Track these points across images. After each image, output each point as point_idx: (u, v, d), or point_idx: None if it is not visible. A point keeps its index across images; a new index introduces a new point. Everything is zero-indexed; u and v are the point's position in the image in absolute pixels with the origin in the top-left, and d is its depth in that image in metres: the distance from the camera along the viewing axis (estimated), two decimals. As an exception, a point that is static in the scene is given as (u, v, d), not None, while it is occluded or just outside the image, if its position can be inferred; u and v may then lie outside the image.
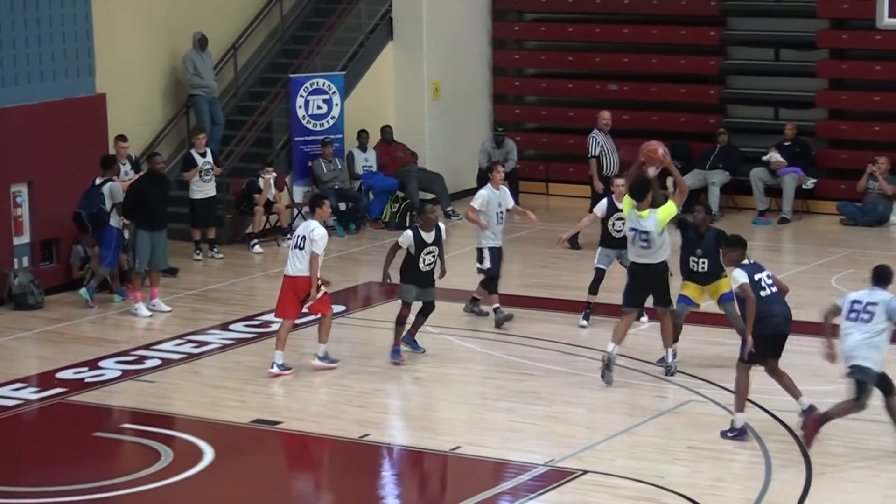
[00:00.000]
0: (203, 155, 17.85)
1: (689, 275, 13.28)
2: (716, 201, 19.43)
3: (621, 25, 21.12)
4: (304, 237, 13.34)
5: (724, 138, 19.91)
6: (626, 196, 12.95)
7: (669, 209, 12.69)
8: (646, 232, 12.66)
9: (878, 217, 18.65)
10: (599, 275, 14.74)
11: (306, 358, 13.77)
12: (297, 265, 13.33)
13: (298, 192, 19.49)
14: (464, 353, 14.21)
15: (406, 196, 19.68)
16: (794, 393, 11.60)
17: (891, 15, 15.63)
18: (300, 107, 19.55)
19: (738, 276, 11.32)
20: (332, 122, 19.79)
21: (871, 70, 19.47)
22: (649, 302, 13.21)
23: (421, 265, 13.58)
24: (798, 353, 13.03)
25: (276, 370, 13.35)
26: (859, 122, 19.47)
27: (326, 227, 12.99)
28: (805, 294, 15.05)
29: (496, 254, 14.82)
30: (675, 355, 13.12)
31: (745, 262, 11.52)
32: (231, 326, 15.05)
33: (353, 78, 20.37)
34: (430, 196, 20.23)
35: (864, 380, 10.98)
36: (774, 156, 19.36)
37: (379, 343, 14.19)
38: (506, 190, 15.06)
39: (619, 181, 14.39)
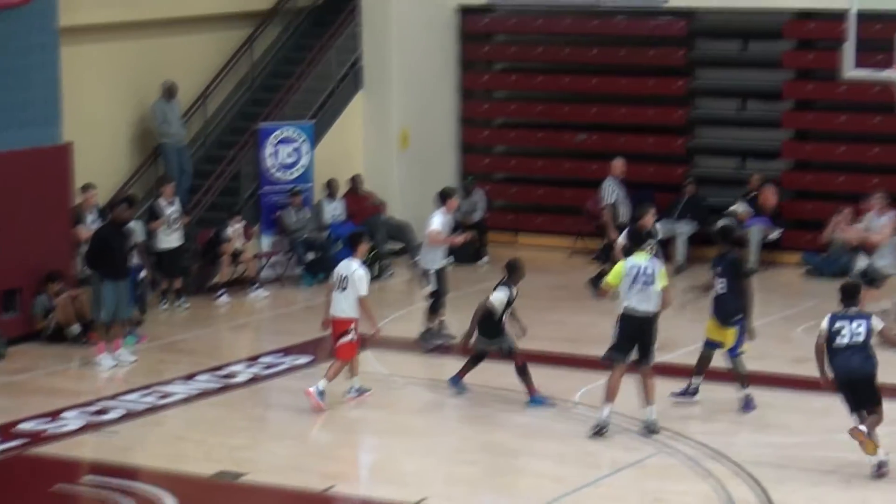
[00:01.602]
0: (171, 204, 17.81)
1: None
2: (683, 252, 19.49)
3: (590, 76, 21.24)
4: (346, 277, 13.41)
5: (690, 189, 20.01)
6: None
7: (665, 275, 12.69)
8: (651, 270, 12.57)
9: (842, 267, 18.71)
10: None
11: (274, 409, 13.67)
12: (340, 306, 13.45)
13: (266, 242, 19.45)
14: (431, 403, 14.14)
15: (374, 246, 19.64)
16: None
17: (856, 66, 15.75)
18: (269, 156, 19.54)
19: None
20: (300, 171, 19.79)
21: (836, 121, 19.62)
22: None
23: (503, 318, 13.68)
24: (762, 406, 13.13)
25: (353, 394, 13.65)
26: (824, 173, 19.59)
27: (295, 277, 13.09)
28: (770, 345, 15.08)
29: (442, 275, 15.40)
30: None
31: None
32: (196, 377, 14.95)
33: (322, 127, 20.40)
34: (398, 246, 20.23)
35: None
36: (741, 206, 19.44)
37: (342, 393, 14.11)
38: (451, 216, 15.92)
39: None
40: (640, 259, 12.71)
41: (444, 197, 16.00)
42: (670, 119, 20.78)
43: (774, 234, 19.43)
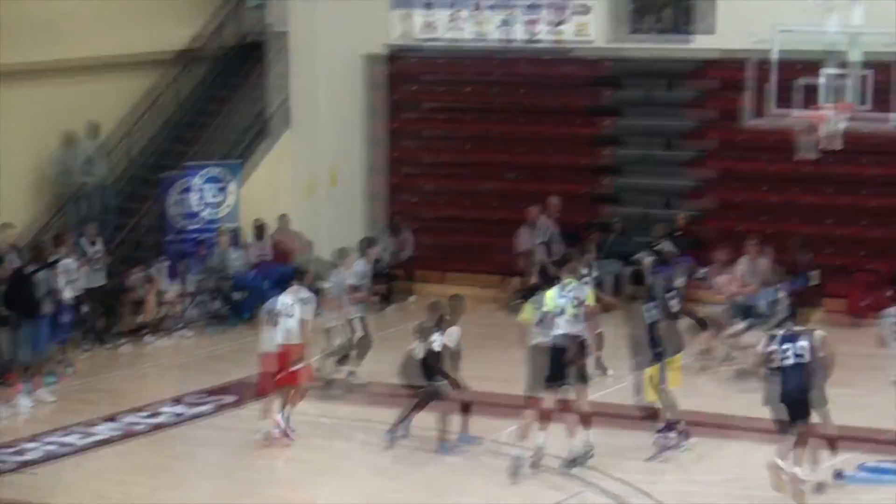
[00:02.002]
0: (93, 244, 17.64)
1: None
2: (609, 292, 19.51)
3: (518, 117, 21.32)
4: (293, 304, 13.63)
5: (618, 228, 20.09)
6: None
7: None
8: (579, 296, 12.73)
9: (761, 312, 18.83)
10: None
11: (198, 448, 13.51)
12: (289, 334, 13.58)
13: (191, 282, 19.28)
14: (359, 443, 14.05)
15: (301, 285, 19.55)
16: None
17: (779, 107, 15.93)
18: (195, 195, 19.43)
19: None
20: (227, 210, 19.68)
21: (759, 162, 19.80)
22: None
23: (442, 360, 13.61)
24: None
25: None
26: (747, 213, 19.72)
27: (220, 317, 13.14)
28: (693, 382, 15.15)
29: (365, 321, 15.62)
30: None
31: None
32: (119, 418, 14.74)
33: (249, 166, 20.31)
34: (326, 285, 20.09)
35: None
36: (666, 246, 19.53)
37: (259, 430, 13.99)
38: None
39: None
40: (574, 286, 12.91)
41: (365, 246, 16.18)
42: (598, 160, 20.89)
43: (700, 274, 19.51)
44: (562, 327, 12.75)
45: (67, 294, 16.21)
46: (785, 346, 11.69)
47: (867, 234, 18.97)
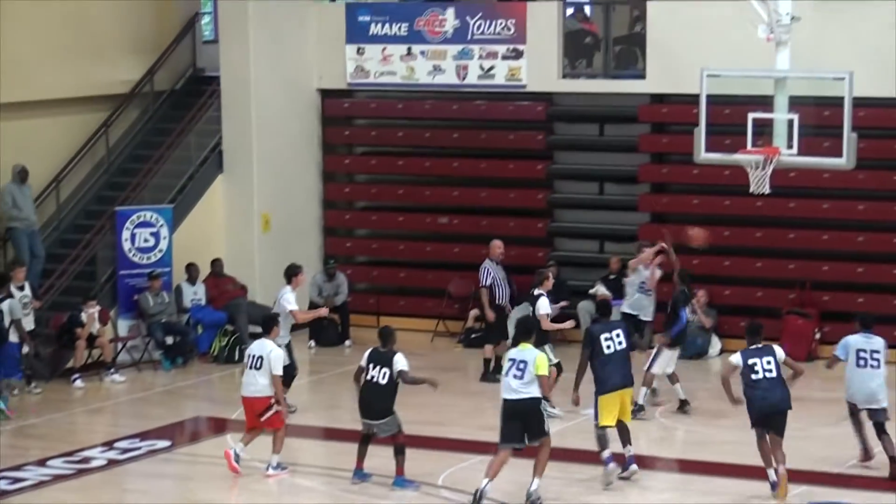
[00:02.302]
0: (21, 288, 17.49)
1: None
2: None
3: (451, 159, 21.42)
4: (260, 357, 13.59)
5: (552, 271, 20.11)
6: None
7: (543, 362, 12.99)
8: (524, 361, 12.90)
9: (697, 350, 18.99)
10: (559, 367, 15.64)
11: (130, 494, 13.33)
12: (255, 386, 13.65)
13: (123, 326, 19.14)
14: (294, 487, 13.94)
15: (236, 329, 19.47)
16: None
17: (707, 150, 16.10)
18: (126, 240, 19.31)
19: None
20: (159, 255, 19.57)
21: (690, 204, 20.03)
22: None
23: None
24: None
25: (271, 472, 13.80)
26: (679, 255, 19.84)
27: (153, 361, 13.12)
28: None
29: (290, 348, 15.84)
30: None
31: None
32: (49, 462, 14.55)
33: (182, 211, 20.24)
34: (258, 330, 19.98)
35: None
36: (600, 289, 19.64)
37: (202, 477, 13.84)
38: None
39: (549, 274, 16.50)
40: (520, 351, 13.02)
41: (290, 274, 16.39)
42: (531, 201, 21.01)
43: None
44: (514, 388, 12.92)
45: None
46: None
47: (796, 276, 19.15)
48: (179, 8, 22.23)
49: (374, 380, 13.41)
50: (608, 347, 13.69)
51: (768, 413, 13.12)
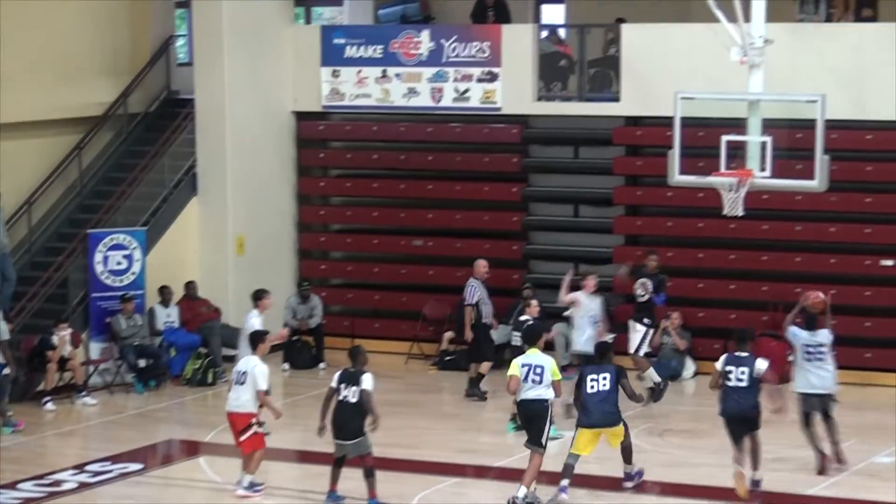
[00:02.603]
0: (-7, 311, 17.41)
1: None
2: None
3: (426, 182, 21.42)
4: (245, 372, 13.67)
5: (528, 293, 20.10)
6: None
7: (556, 368, 13.56)
8: (540, 366, 13.45)
9: (671, 372, 18.98)
10: None
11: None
12: (238, 401, 13.68)
13: (95, 349, 19.04)
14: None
15: (209, 352, 19.39)
16: None
17: (681, 172, 16.13)
18: (98, 262, 19.23)
19: None
20: (132, 277, 19.49)
21: (664, 226, 20.06)
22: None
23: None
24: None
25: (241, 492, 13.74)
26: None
27: (125, 384, 13.07)
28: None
29: None
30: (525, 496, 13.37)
31: None
32: (20, 486, 14.43)
33: (155, 233, 20.17)
34: (233, 352, 19.92)
35: None
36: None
37: (174, 500, 13.74)
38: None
39: (534, 301, 16.60)
40: (532, 357, 13.55)
41: (256, 298, 16.47)
42: (506, 224, 21.02)
43: (609, 338, 19.59)
44: (529, 390, 13.49)
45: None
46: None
47: (770, 298, 19.18)
48: (154, 31, 22.20)
49: (346, 399, 13.40)
50: (592, 388, 13.83)
51: (737, 419, 13.80)
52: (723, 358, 14.02)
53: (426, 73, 20.94)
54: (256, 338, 14.16)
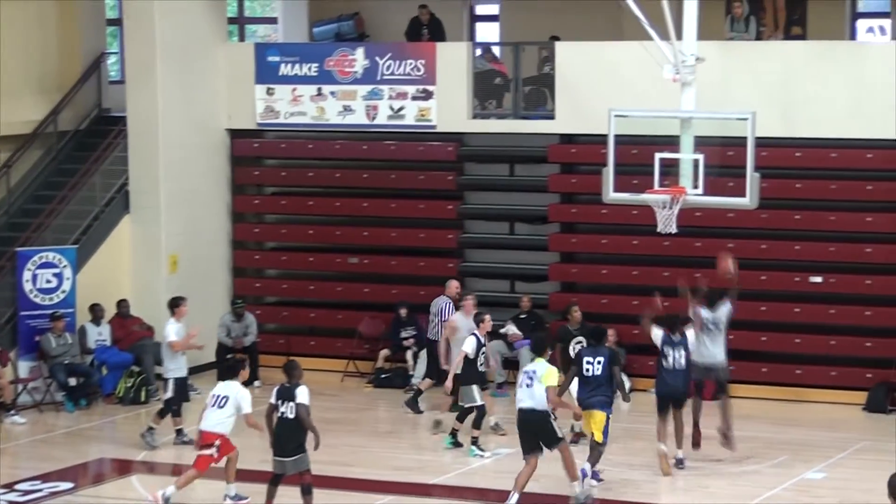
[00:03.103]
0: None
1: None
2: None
3: (361, 199, 21.38)
4: (226, 397, 13.95)
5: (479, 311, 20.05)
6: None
7: (552, 375, 13.85)
8: (534, 371, 13.81)
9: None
10: (482, 410, 16.07)
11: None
12: (210, 421, 13.90)
13: (24, 367, 18.82)
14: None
15: (142, 371, 19.21)
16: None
17: (616, 190, 16.21)
18: (27, 280, 19.02)
19: None
20: (62, 295, 19.29)
21: (599, 243, 20.14)
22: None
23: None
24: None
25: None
26: (589, 294, 19.97)
27: (55, 403, 12.92)
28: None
29: (182, 384, 16.44)
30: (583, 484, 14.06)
31: None
32: (-55, 508, 14.25)
33: (86, 251, 19.99)
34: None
35: None
36: (511, 328, 19.67)
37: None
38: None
39: (487, 316, 16.47)
40: (534, 364, 13.96)
41: (173, 305, 16.70)
42: (442, 242, 21.01)
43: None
44: (523, 399, 13.86)
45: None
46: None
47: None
48: (85, 48, 22.03)
49: (284, 415, 13.32)
50: (587, 370, 14.59)
51: (671, 396, 15.10)
52: (661, 335, 15.20)
53: (361, 91, 20.92)
54: (236, 365, 14.42)
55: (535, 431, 13.76)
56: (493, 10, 23.87)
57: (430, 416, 17.71)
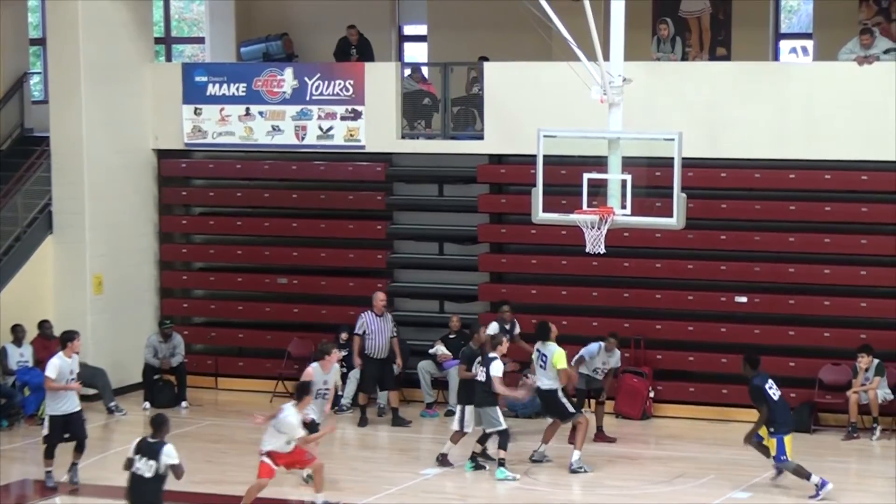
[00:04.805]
0: None
1: None
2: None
3: (290, 219, 21.27)
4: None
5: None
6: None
7: (561, 358, 16.08)
8: (545, 355, 16.06)
9: (537, 409, 19.03)
10: (506, 432, 16.39)
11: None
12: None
13: (-55, 390, 18.54)
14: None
15: (65, 392, 18.93)
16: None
17: (544, 210, 16.24)
18: (-52, 302, 18.77)
19: None
20: (-17, 317, 19.06)
21: (528, 263, 20.18)
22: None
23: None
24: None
25: None
26: (518, 314, 19.96)
27: None
28: (468, 484, 15.18)
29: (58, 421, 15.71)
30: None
31: None
32: None
33: (8, 272, 19.75)
34: (92, 391, 19.51)
35: None
36: (440, 349, 19.64)
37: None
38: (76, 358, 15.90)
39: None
40: (543, 346, 16.29)
41: (65, 339, 15.97)
42: (371, 262, 20.95)
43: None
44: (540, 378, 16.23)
45: None
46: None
47: (631, 335, 19.36)
48: (7, 67, 21.76)
49: (140, 472, 12.36)
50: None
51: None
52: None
53: (290, 111, 20.83)
54: (301, 391, 14.73)
55: (546, 407, 16.24)
56: (422, 30, 23.90)
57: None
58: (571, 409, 16.11)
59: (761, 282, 19.09)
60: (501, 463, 15.98)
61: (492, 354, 16.33)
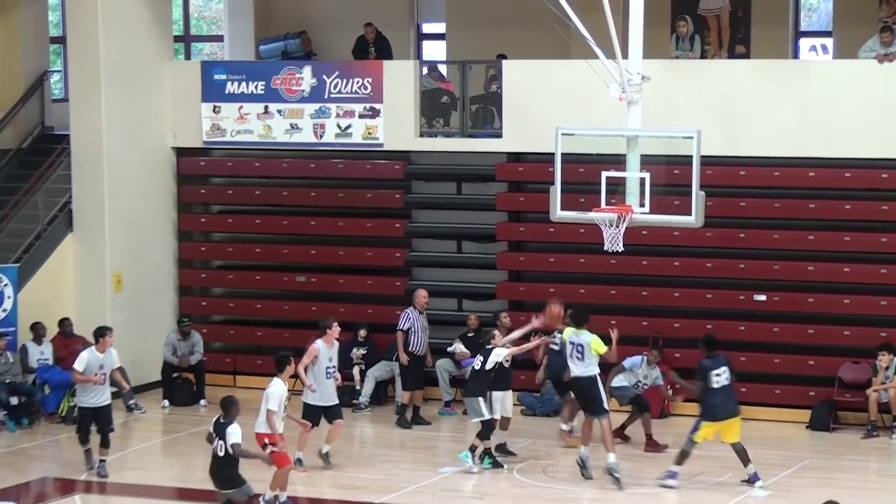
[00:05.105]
0: None
1: None
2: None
3: (309, 218, 21.30)
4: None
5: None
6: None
7: (598, 343, 15.72)
8: (581, 345, 15.60)
9: (554, 407, 19.04)
10: (490, 423, 16.41)
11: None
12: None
13: (-35, 387, 18.62)
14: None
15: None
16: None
17: (563, 208, 16.24)
18: (-30, 299, 18.88)
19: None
20: (3, 314, 19.12)
21: (546, 262, 20.16)
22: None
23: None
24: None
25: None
26: (536, 313, 19.91)
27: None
28: (483, 482, 15.17)
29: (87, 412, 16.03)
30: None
31: None
32: None
33: (28, 270, 19.80)
34: (112, 389, 19.52)
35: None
36: (458, 347, 19.64)
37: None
38: (111, 351, 16.24)
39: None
40: (577, 335, 15.84)
41: (98, 335, 16.24)
42: (389, 260, 20.96)
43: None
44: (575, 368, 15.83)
45: None
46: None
47: (650, 333, 19.31)
48: (27, 65, 21.84)
49: (214, 451, 13.32)
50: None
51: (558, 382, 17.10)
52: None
53: (308, 110, 20.86)
54: (280, 360, 14.87)
55: (581, 396, 15.69)
56: (440, 28, 23.91)
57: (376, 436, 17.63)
58: (606, 406, 15.67)
59: (780, 280, 19.05)
60: (472, 449, 16.15)
61: (489, 346, 16.51)
